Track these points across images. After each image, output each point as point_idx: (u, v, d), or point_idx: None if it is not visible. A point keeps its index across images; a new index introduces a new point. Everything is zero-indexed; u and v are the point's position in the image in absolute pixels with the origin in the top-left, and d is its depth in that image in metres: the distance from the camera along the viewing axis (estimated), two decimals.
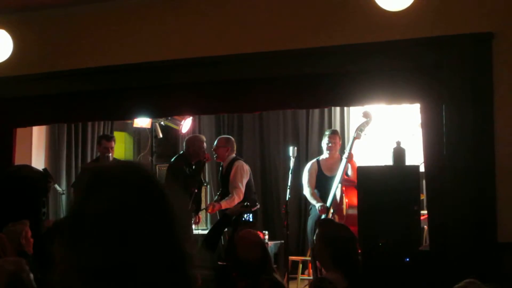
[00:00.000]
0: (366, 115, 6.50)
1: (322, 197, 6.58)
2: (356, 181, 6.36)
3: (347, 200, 6.30)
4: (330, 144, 6.71)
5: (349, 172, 6.59)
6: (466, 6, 4.25)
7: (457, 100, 4.19)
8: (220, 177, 7.00)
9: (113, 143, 6.94)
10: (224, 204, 6.57)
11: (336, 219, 6.32)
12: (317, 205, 6.55)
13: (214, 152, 6.98)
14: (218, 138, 7.18)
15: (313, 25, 4.59)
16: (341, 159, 6.58)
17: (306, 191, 6.85)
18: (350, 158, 6.47)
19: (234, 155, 6.94)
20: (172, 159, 7.11)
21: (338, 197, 6.45)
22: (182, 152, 7.21)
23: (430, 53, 4.28)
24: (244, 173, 6.71)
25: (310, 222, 6.68)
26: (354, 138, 6.51)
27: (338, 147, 6.72)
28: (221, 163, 7.00)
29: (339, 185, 6.44)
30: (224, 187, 6.83)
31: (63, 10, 5.28)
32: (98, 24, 5.24)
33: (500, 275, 3.98)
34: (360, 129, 6.51)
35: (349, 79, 4.53)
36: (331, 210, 6.43)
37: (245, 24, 4.79)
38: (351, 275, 3.51)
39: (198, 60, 4.84)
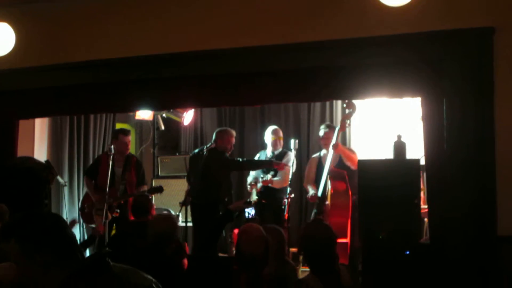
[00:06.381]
0: (349, 105, 6.54)
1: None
2: (345, 171, 6.47)
3: (333, 191, 6.34)
4: (323, 141, 6.80)
5: (348, 163, 6.62)
6: (468, 0, 4.25)
7: (458, 94, 4.19)
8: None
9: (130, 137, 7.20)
10: (275, 183, 7.08)
11: (327, 209, 6.38)
12: (311, 192, 6.75)
13: (276, 142, 7.28)
14: (276, 129, 7.42)
15: (314, 19, 4.59)
16: None
17: (305, 182, 7.07)
18: (335, 147, 6.51)
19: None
20: (196, 150, 7.29)
21: (328, 187, 6.49)
22: (210, 144, 7.15)
23: (431, 47, 4.28)
24: (292, 164, 6.99)
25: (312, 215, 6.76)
26: (339, 130, 6.56)
27: (329, 142, 6.67)
28: (274, 152, 7.29)
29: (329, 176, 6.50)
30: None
31: (65, 2, 5.27)
32: (100, 17, 5.24)
33: (500, 268, 4.01)
34: (344, 120, 6.58)
35: (350, 72, 4.53)
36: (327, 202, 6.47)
37: (246, 17, 4.78)
38: (325, 278, 3.50)
39: (200, 53, 4.84)
